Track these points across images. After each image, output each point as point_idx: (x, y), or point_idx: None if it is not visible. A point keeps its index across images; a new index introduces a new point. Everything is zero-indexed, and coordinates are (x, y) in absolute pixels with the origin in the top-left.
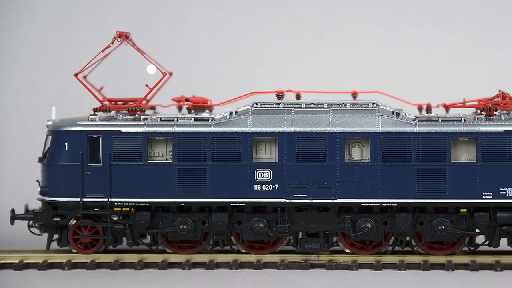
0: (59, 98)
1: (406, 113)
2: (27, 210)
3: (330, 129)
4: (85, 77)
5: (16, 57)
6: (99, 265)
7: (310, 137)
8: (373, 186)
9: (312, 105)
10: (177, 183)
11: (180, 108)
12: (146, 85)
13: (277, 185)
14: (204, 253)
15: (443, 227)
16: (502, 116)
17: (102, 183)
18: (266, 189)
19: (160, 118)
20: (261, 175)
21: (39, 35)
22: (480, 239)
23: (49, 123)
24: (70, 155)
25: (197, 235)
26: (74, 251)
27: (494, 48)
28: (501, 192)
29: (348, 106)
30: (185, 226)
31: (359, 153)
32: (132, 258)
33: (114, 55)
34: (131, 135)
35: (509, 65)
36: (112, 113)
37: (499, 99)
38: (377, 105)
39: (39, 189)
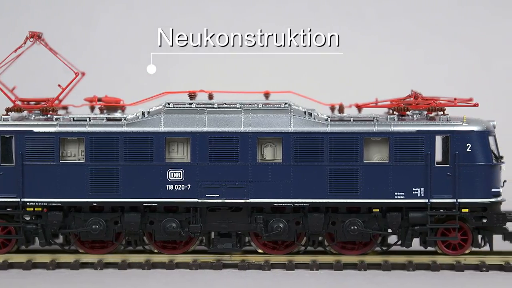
0: None
1: (319, 113)
2: None
3: (242, 129)
4: None
5: None
6: (11, 265)
7: (222, 137)
8: (285, 186)
9: (224, 105)
10: (89, 183)
11: (92, 108)
12: (59, 85)
13: (190, 185)
14: (117, 253)
15: (356, 227)
16: (415, 116)
17: (15, 183)
18: (179, 189)
19: (73, 118)
20: (173, 175)
21: None
22: (392, 239)
23: None
24: None
25: (109, 235)
26: None
27: (406, 48)
28: (413, 192)
29: (261, 106)
30: (97, 226)
31: (271, 153)
32: (45, 258)
33: (26, 55)
34: (44, 135)
35: (422, 65)
36: (25, 113)
37: (412, 99)
38: (289, 105)
39: None
